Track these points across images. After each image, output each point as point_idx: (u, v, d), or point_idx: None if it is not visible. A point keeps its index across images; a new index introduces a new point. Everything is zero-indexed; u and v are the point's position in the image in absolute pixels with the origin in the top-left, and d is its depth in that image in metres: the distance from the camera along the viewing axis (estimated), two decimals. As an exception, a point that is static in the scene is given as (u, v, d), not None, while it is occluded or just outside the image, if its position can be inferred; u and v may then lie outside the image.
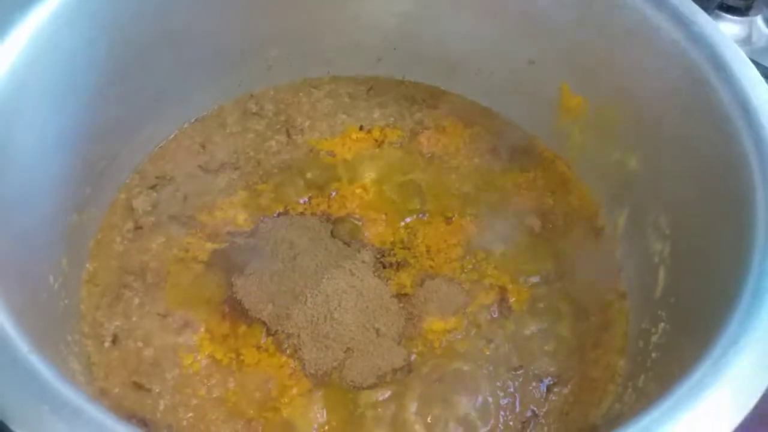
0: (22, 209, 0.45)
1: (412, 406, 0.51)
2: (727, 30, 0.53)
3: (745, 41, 0.79)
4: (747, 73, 0.47)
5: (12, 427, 0.30)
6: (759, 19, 0.80)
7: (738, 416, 0.34)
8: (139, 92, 0.58)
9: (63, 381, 0.31)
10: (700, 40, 0.49)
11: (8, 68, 0.44)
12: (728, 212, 0.45)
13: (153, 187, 0.61)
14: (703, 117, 0.48)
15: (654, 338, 0.50)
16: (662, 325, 0.50)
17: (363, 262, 0.57)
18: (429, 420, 0.51)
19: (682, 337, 0.46)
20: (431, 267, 0.58)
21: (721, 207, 0.46)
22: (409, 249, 0.59)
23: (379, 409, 0.51)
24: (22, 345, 0.32)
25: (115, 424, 0.31)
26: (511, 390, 0.52)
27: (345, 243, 0.59)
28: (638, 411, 0.36)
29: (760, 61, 0.52)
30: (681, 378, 0.36)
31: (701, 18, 0.50)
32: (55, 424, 0.30)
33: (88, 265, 0.56)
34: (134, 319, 0.54)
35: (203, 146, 0.64)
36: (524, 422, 0.51)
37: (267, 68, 0.66)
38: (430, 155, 0.65)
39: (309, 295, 0.54)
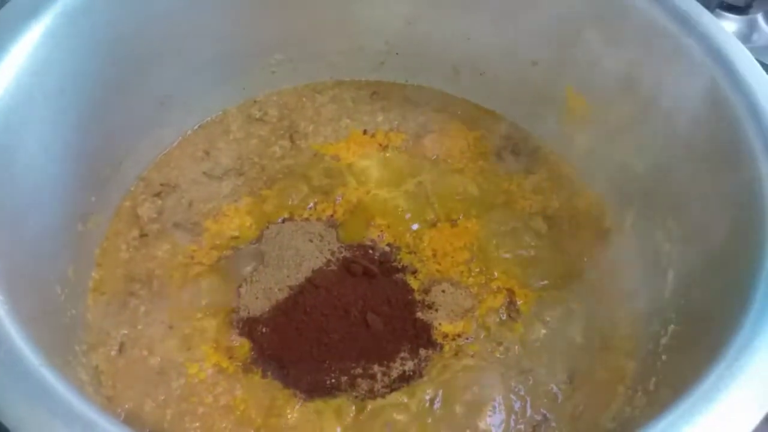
0: (29, 219, 0.45)
1: (423, 411, 0.51)
2: (727, 28, 0.54)
3: (746, 39, 0.79)
4: (754, 73, 0.47)
5: (25, 441, 0.29)
6: (759, 18, 0.80)
7: (754, 419, 0.34)
8: (143, 99, 0.57)
9: (75, 394, 0.31)
10: (706, 41, 0.49)
11: (13, 79, 0.44)
12: (738, 213, 0.45)
13: (158, 194, 0.60)
14: (711, 118, 0.48)
15: (664, 340, 0.50)
16: (672, 327, 0.50)
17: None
18: (440, 424, 0.50)
19: (693, 339, 0.46)
20: (438, 271, 0.58)
21: (731, 207, 0.46)
22: (415, 253, 0.59)
23: (391, 415, 0.51)
24: (33, 358, 0.32)
25: (128, 436, 0.31)
26: (522, 393, 0.52)
27: (351, 248, 0.58)
28: (650, 415, 0.36)
29: (761, 59, 0.52)
30: (695, 381, 0.36)
31: (706, 18, 0.50)
32: (69, 438, 0.30)
33: (94, 274, 0.55)
34: (140, 327, 0.53)
35: (207, 152, 0.64)
36: (535, 426, 0.51)
37: (270, 73, 0.66)
38: (434, 158, 0.65)
39: (316, 302, 0.54)
